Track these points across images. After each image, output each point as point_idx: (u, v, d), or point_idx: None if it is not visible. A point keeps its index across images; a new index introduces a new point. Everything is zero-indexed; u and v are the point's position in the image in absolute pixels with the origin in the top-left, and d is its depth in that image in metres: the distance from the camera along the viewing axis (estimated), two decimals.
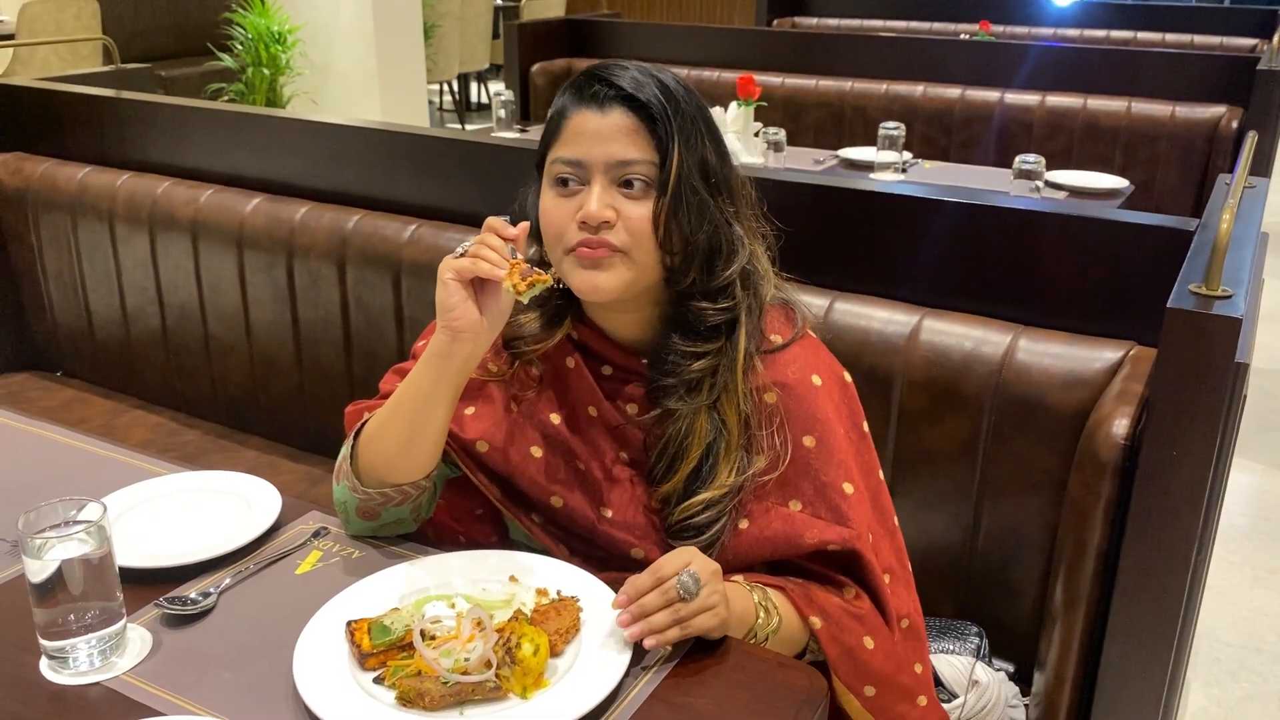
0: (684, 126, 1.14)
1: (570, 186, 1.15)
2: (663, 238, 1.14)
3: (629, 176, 1.14)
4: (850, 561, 1.20)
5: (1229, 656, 2.49)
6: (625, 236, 1.13)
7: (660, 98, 1.14)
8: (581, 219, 1.13)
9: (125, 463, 1.46)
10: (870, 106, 4.01)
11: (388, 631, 1.02)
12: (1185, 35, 5.18)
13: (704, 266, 1.18)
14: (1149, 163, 3.59)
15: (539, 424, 1.26)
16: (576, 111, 1.16)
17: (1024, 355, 1.50)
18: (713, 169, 1.17)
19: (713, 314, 1.18)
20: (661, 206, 1.13)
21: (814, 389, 1.22)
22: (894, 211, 1.65)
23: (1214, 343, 1.14)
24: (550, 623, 1.04)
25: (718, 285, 1.18)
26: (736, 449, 1.19)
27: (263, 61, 5.27)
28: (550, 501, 1.24)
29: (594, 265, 1.14)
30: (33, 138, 2.56)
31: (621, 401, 1.25)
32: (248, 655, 1.06)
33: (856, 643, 1.17)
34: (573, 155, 1.15)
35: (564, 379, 1.27)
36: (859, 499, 1.20)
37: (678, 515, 1.18)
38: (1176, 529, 1.21)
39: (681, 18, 9.61)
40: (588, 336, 1.26)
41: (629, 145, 1.13)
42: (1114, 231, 1.53)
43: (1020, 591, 1.56)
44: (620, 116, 1.14)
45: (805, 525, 1.19)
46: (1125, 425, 1.30)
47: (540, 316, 1.26)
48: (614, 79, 1.15)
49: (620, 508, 1.23)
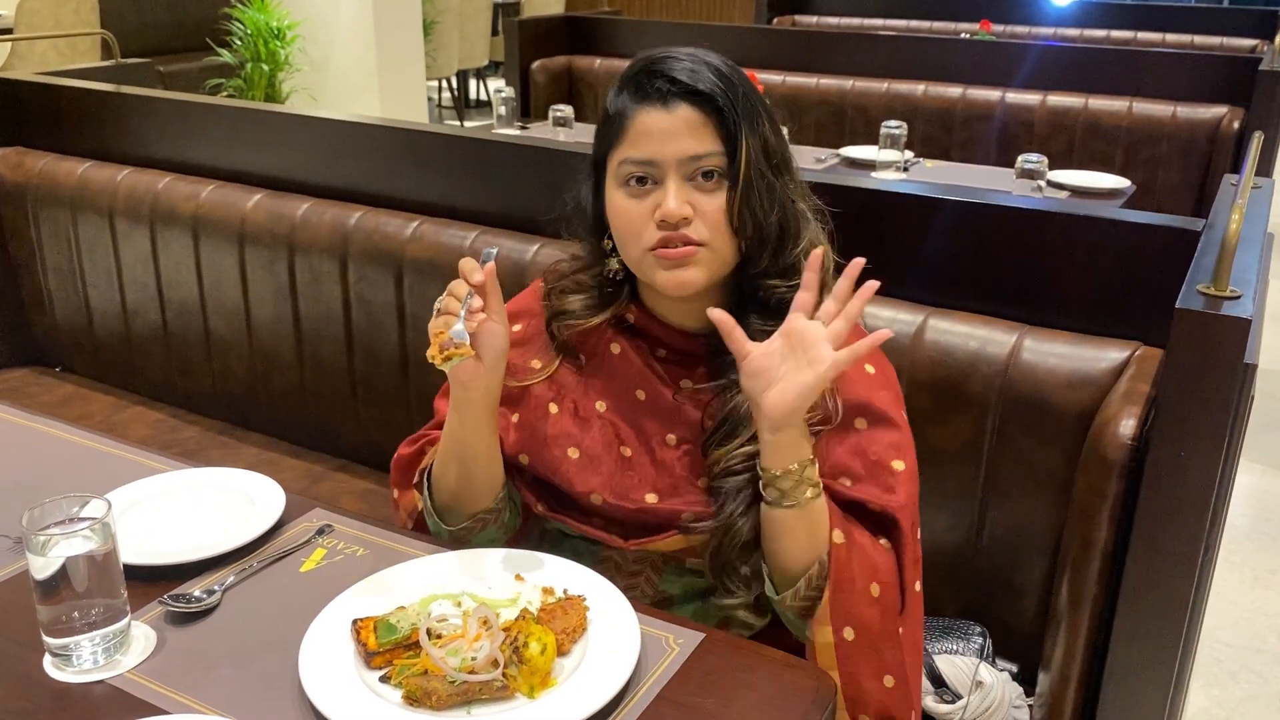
0: (747, 111, 1.15)
1: (643, 185, 1.16)
2: (738, 226, 1.16)
3: (702, 169, 1.15)
4: (887, 526, 1.20)
5: (1230, 657, 2.49)
6: (704, 230, 1.15)
7: (720, 85, 1.15)
8: (661, 218, 1.14)
9: (128, 459, 1.45)
10: (871, 105, 4.00)
11: (394, 630, 1.01)
12: (1185, 35, 5.18)
13: (776, 247, 1.19)
14: (1150, 163, 3.59)
15: (581, 418, 1.27)
16: (640, 110, 1.16)
17: (1029, 355, 1.49)
18: (773, 149, 1.19)
19: (785, 290, 1.19)
20: (735, 197, 1.14)
21: (867, 376, 1.24)
22: (900, 210, 1.65)
23: (1223, 343, 1.14)
24: (557, 622, 1.04)
25: (789, 263, 1.20)
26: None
27: (262, 57, 5.26)
28: (592, 500, 1.25)
29: (678, 265, 1.15)
30: (33, 132, 2.55)
31: (676, 380, 1.26)
32: (252, 653, 1.06)
33: (864, 585, 1.15)
34: (643, 155, 1.15)
35: (608, 366, 1.28)
36: (908, 476, 1.21)
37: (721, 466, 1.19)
38: (1184, 530, 1.21)
39: (681, 15, 9.60)
40: (644, 321, 1.28)
41: (698, 139, 1.14)
42: (1120, 231, 1.52)
43: (1024, 592, 1.56)
44: (686, 111, 1.14)
45: (848, 491, 1.19)
46: (1132, 425, 1.30)
47: (589, 299, 1.28)
48: (672, 73, 1.15)
49: (666, 492, 1.23)
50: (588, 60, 4.65)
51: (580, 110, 3.82)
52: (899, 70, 4.04)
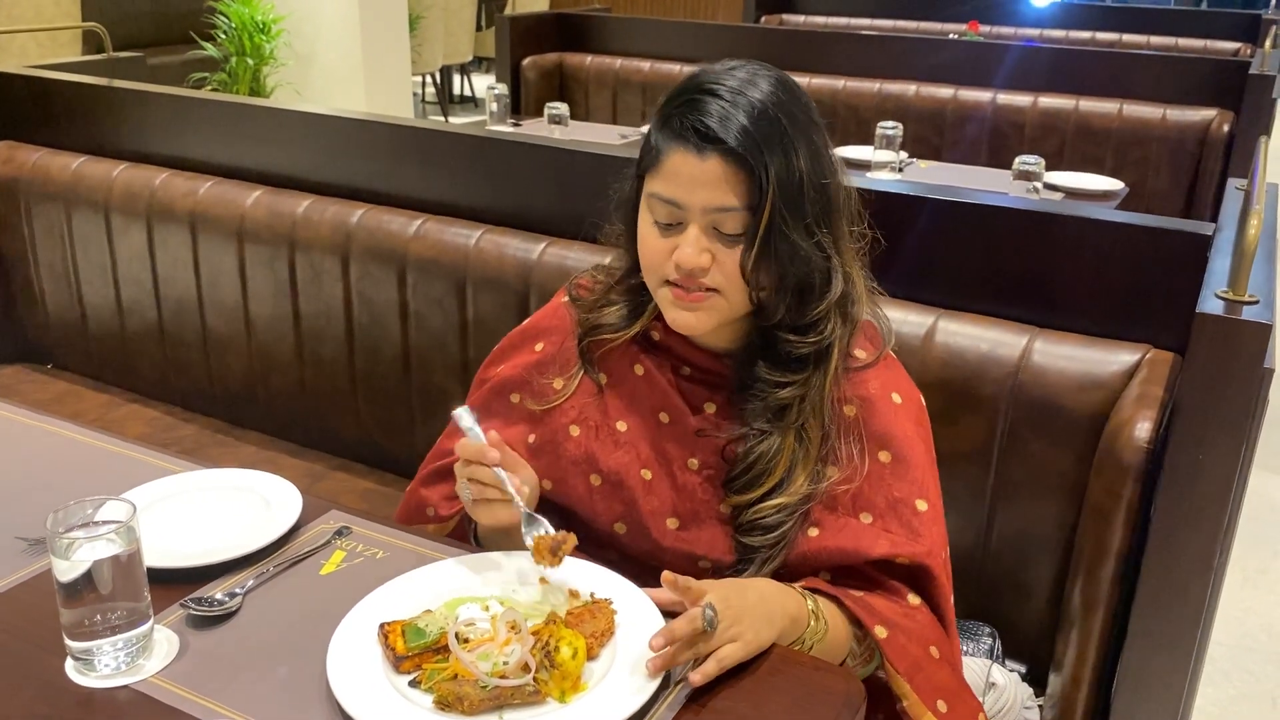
0: (778, 164, 1.10)
1: (669, 226, 1.15)
2: (752, 281, 1.14)
3: (725, 224, 1.13)
4: (918, 576, 1.20)
5: (1222, 656, 2.51)
6: (720, 279, 1.14)
7: (753, 133, 1.09)
8: (677, 262, 1.13)
9: (139, 459, 1.43)
10: (863, 105, 4.02)
11: (422, 634, 1.00)
12: (1169, 38, 5.22)
13: (794, 301, 1.17)
14: (1140, 164, 3.62)
15: (602, 440, 1.26)
16: (673, 150, 1.13)
17: (1040, 357, 1.50)
18: (810, 200, 1.13)
19: (802, 347, 1.18)
20: (749, 256, 1.12)
21: (894, 406, 1.23)
22: (910, 212, 1.65)
23: (1243, 348, 1.15)
24: (585, 625, 1.03)
25: (808, 321, 1.18)
26: (815, 460, 1.19)
27: (246, 51, 5.21)
28: (614, 529, 1.25)
29: (688, 307, 1.15)
30: (25, 126, 2.52)
31: (700, 402, 1.25)
32: (276, 657, 1.05)
33: (923, 653, 1.16)
34: (670, 195, 1.14)
35: (630, 386, 1.27)
36: (933, 517, 1.21)
37: (750, 515, 1.18)
38: (1201, 532, 1.22)
39: (667, 13, 9.59)
40: (669, 339, 1.26)
41: (725, 192, 1.11)
42: (1129, 234, 1.53)
43: (1033, 593, 1.56)
44: (715, 164, 1.11)
45: (874, 538, 1.18)
46: (1148, 429, 1.31)
47: (624, 307, 1.27)
48: (705, 119, 1.10)
49: (687, 518, 1.23)
50: (578, 57, 4.64)
51: (571, 107, 3.81)
52: (891, 70, 4.05)
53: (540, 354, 1.33)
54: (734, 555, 1.20)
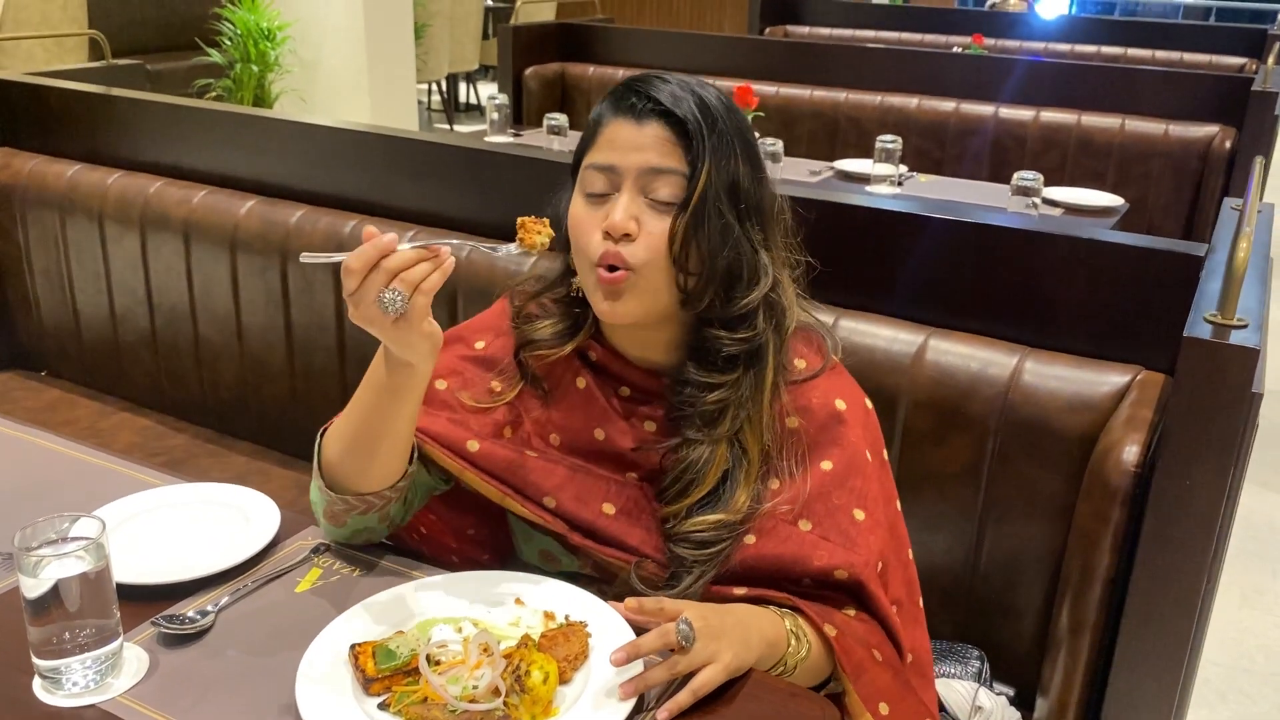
0: (718, 145, 1.12)
1: (601, 196, 1.14)
2: (678, 254, 1.12)
3: (658, 189, 1.12)
4: (856, 592, 1.18)
5: (1218, 677, 2.49)
6: (642, 252, 1.11)
7: (697, 114, 1.12)
8: (605, 229, 1.12)
9: (118, 471, 1.42)
10: (864, 118, 4.00)
11: (393, 656, 0.99)
12: (1174, 53, 5.21)
13: (721, 292, 1.15)
14: (1142, 180, 3.60)
15: (535, 448, 1.24)
16: (613, 120, 1.15)
17: (1030, 377, 1.48)
18: (744, 192, 1.14)
19: (730, 343, 1.16)
20: (680, 222, 1.11)
21: (837, 413, 1.21)
22: (902, 229, 1.64)
23: (1230, 372, 1.14)
24: (559, 649, 1.02)
25: (736, 313, 1.16)
26: (755, 478, 1.17)
27: (251, 58, 5.22)
28: (543, 501, 1.21)
29: (611, 294, 1.13)
30: (22, 133, 2.52)
31: (638, 421, 1.23)
32: (248, 677, 1.04)
33: (866, 655, 1.15)
34: (605, 161, 1.14)
35: (570, 400, 1.25)
36: (871, 526, 1.19)
37: (683, 527, 1.16)
38: (1188, 558, 1.20)
39: (673, 24, 9.61)
40: (606, 357, 1.24)
41: (662, 155, 1.12)
42: (1122, 254, 1.52)
43: (1022, 615, 1.55)
44: (655, 128, 1.12)
45: (813, 546, 1.16)
46: (1135, 452, 1.29)
47: (558, 323, 1.25)
48: (652, 92, 1.13)
49: (623, 506, 1.21)
50: (580, 68, 4.64)
51: (573, 118, 3.81)
52: (893, 83, 4.04)
53: (481, 351, 1.29)
54: (665, 557, 1.17)
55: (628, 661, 0.99)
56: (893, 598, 1.20)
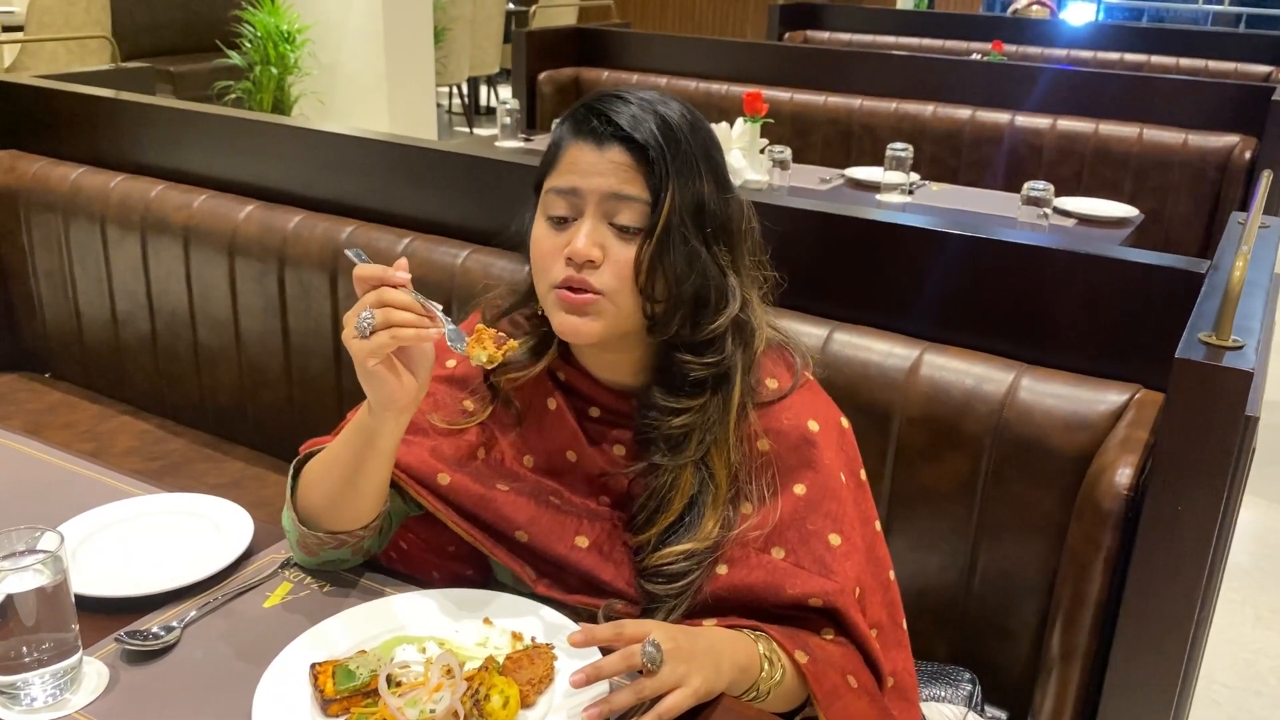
0: (681, 168, 1.09)
1: (563, 220, 1.11)
2: (644, 284, 1.09)
3: (621, 215, 1.09)
4: (834, 619, 1.15)
5: (1227, 699, 2.44)
6: (608, 279, 1.09)
7: (658, 137, 1.09)
8: (568, 255, 1.09)
9: (96, 480, 1.41)
10: (879, 125, 3.97)
11: (352, 676, 0.98)
12: (1199, 60, 5.14)
13: (689, 318, 1.12)
14: (1160, 191, 3.55)
15: (509, 469, 1.22)
16: (573, 143, 1.12)
17: (1026, 395, 1.45)
18: (710, 214, 1.11)
19: (697, 368, 1.13)
20: (646, 251, 1.08)
21: (809, 435, 1.18)
22: (898, 242, 1.61)
23: (1223, 396, 1.10)
24: (523, 672, 1.00)
25: (703, 338, 1.13)
26: (724, 503, 1.14)
27: (271, 60, 5.24)
28: (515, 536, 1.19)
29: (575, 311, 1.10)
30: (28, 136, 2.53)
31: (608, 444, 1.21)
32: (210, 694, 1.02)
33: (840, 681, 1.12)
34: (568, 184, 1.11)
35: (542, 420, 1.23)
36: (847, 551, 1.16)
37: (654, 560, 1.14)
38: (1179, 586, 1.17)
39: (696, 29, 9.58)
40: (574, 378, 1.22)
41: (623, 181, 1.09)
42: (1122, 270, 1.48)
43: (1016, 637, 1.51)
44: (617, 154, 1.09)
45: (787, 574, 1.14)
46: (1129, 475, 1.26)
47: (528, 340, 1.22)
48: (613, 114, 1.10)
49: (596, 539, 1.18)
50: (595, 72, 4.63)
51: None
52: (908, 90, 4.00)
53: (452, 370, 1.27)
54: (636, 591, 1.15)
55: (587, 684, 0.96)
56: (873, 621, 1.17)
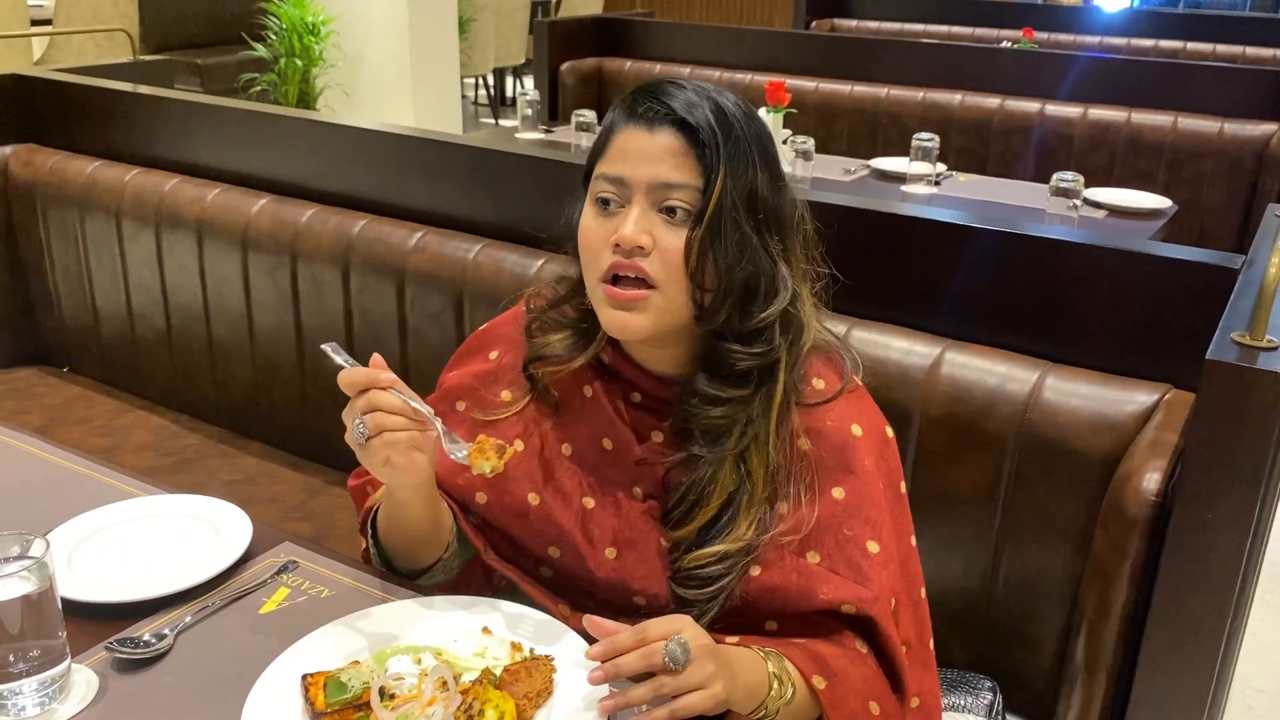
0: (734, 154, 1.06)
1: (611, 207, 1.09)
2: (694, 270, 1.06)
3: (671, 202, 1.06)
4: (866, 628, 1.11)
5: (1262, 704, 2.38)
6: (659, 266, 1.06)
7: (712, 122, 1.06)
8: (615, 241, 1.06)
9: (100, 481, 1.39)
10: (906, 115, 3.90)
11: (344, 689, 0.95)
12: (1237, 47, 5.02)
13: (738, 306, 1.09)
14: (1194, 181, 3.46)
15: (546, 459, 1.20)
16: (625, 128, 1.09)
17: (1051, 394, 1.40)
18: (762, 202, 1.08)
19: (744, 358, 1.10)
20: (696, 236, 1.05)
21: (852, 439, 1.14)
22: (918, 236, 1.56)
23: (1256, 399, 1.05)
24: (520, 684, 0.96)
25: (751, 328, 1.10)
26: (760, 503, 1.11)
27: (295, 52, 5.23)
28: (548, 552, 1.18)
29: (623, 306, 1.08)
30: (45, 130, 2.52)
31: (647, 430, 1.18)
32: (200, 704, 0.99)
33: (860, 707, 1.08)
34: (616, 172, 1.08)
35: (578, 409, 1.21)
36: (884, 560, 1.12)
37: (686, 563, 1.11)
38: (1210, 597, 1.12)
39: (722, 18, 9.50)
40: (619, 363, 1.20)
41: (674, 168, 1.06)
42: (1151, 266, 1.43)
43: (1039, 645, 1.46)
44: (668, 138, 1.07)
45: (821, 580, 1.10)
46: (1157, 480, 1.21)
47: (569, 337, 1.20)
48: (666, 98, 1.08)
49: (626, 547, 1.16)
50: (618, 62, 4.58)
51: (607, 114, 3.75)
52: (935, 79, 3.93)
53: (494, 362, 1.26)
54: (669, 593, 1.12)
55: (605, 681, 0.93)
56: (902, 638, 1.13)
